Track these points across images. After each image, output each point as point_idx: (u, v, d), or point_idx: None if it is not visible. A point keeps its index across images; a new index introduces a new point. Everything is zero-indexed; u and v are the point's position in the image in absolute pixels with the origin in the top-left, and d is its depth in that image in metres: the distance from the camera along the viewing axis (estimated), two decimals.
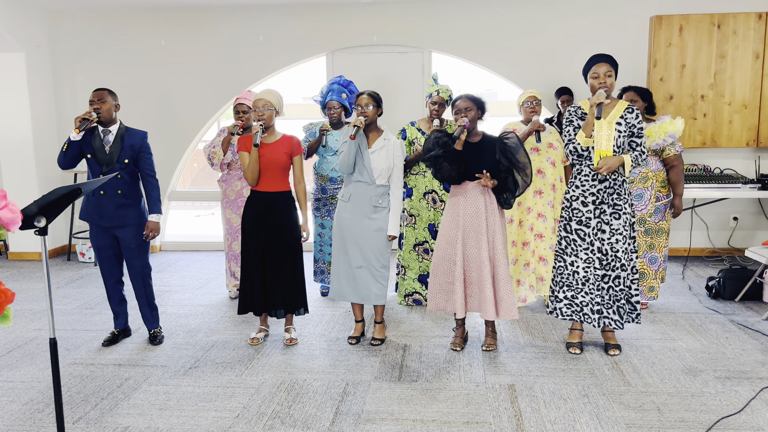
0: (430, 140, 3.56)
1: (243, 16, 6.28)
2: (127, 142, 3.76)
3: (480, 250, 3.56)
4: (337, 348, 3.84)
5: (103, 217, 3.73)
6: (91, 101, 3.69)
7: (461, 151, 3.52)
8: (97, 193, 3.73)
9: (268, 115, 3.65)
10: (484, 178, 3.46)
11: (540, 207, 4.42)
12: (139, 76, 6.44)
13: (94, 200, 3.74)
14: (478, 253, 3.57)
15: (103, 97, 3.70)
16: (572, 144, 3.54)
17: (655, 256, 4.42)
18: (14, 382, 3.40)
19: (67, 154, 3.64)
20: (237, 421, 2.93)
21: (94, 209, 3.75)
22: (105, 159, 3.69)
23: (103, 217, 3.73)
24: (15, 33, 5.90)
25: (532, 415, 2.95)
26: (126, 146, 3.75)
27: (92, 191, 3.71)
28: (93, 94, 3.72)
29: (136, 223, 3.80)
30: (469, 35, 6.13)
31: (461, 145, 3.51)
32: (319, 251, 4.87)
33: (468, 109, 3.55)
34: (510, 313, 3.58)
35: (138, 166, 3.83)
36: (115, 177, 3.70)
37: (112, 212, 3.73)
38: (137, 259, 3.85)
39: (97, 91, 3.72)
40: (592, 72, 3.49)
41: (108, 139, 3.74)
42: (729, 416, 2.91)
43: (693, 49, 5.69)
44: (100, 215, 3.74)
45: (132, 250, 3.82)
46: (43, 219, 2.18)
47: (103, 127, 3.73)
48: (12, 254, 6.44)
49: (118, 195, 3.73)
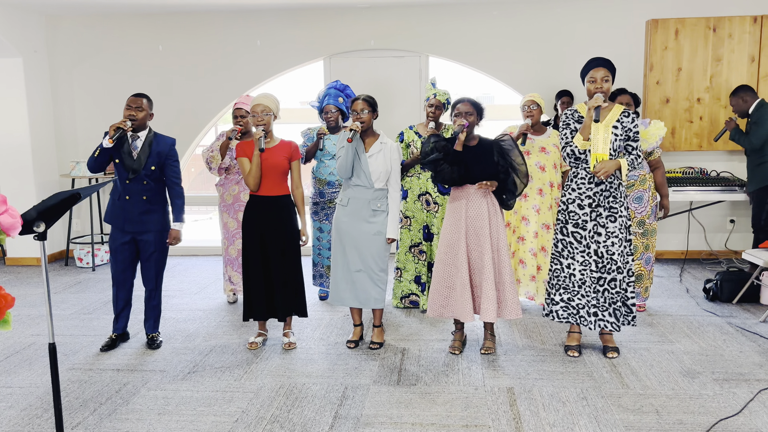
0: (428, 144, 3.58)
1: (241, 22, 6.29)
2: (155, 149, 3.77)
3: (483, 253, 3.57)
4: (335, 352, 3.84)
5: (127, 221, 3.76)
6: (129, 106, 3.68)
7: (461, 152, 3.53)
8: (122, 198, 3.75)
9: (267, 119, 3.66)
10: (483, 185, 3.49)
11: (524, 210, 4.45)
12: (136, 81, 6.44)
13: (120, 204, 3.76)
14: (481, 255, 3.58)
15: (141, 105, 3.70)
16: (569, 147, 3.56)
17: (649, 256, 4.44)
18: (12, 387, 3.39)
19: (97, 160, 3.65)
20: (236, 425, 2.93)
21: (119, 213, 3.77)
22: (132, 165, 3.69)
23: (127, 222, 3.76)
24: (13, 38, 5.90)
25: (530, 418, 2.96)
26: (153, 153, 3.76)
27: (117, 196, 3.76)
28: (131, 99, 3.70)
29: (158, 229, 3.83)
30: (466, 39, 6.15)
31: (461, 145, 3.52)
32: (318, 255, 4.87)
33: (468, 114, 3.57)
34: (514, 313, 3.61)
35: (164, 173, 3.84)
36: (140, 183, 3.72)
37: (136, 217, 3.76)
38: (155, 264, 3.88)
39: (136, 97, 3.71)
40: (589, 76, 3.51)
41: (136, 145, 3.74)
42: (727, 418, 2.92)
43: (689, 52, 5.72)
44: (124, 219, 3.76)
45: (151, 254, 3.85)
46: (42, 224, 2.19)
47: (133, 132, 3.72)
48: (9, 259, 6.43)
49: (143, 201, 3.76)
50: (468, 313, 3.59)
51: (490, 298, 3.56)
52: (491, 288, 3.56)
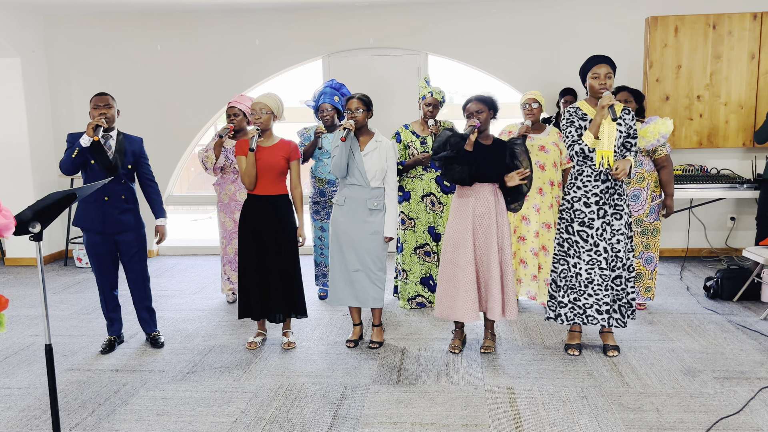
0: (441, 140, 3.55)
1: (239, 20, 6.27)
2: (128, 149, 3.78)
3: (490, 251, 3.55)
4: (335, 351, 3.83)
5: (107, 223, 3.73)
6: (97, 105, 3.67)
7: (472, 152, 3.51)
8: (100, 199, 3.71)
9: (264, 119, 3.65)
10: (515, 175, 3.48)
11: (525, 209, 4.42)
12: (135, 80, 6.43)
13: (97, 207, 3.71)
14: (488, 254, 3.56)
15: (109, 102, 3.70)
16: (578, 145, 3.49)
17: (650, 256, 4.42)
18: (11, 388, 3.38)
19: (75, 161, 3.60)
20: (235, 426, 2.92)
21: (96, 216, 3.72)
22: (110, 165, 3.68)
23: (107, 224, 3.73)
24: (10, 38, 5.89)
25: (531, 417, 2.95)
26: (128, 152, 3.77)
27: (94, 197, 3.71)
28: (98, 98, 3.68)
29: (136, 227, 3.83)
30: (465, 38, 6.13)
31: (471, 146, 3.49)
32: (320, 255, 4.85)
33: (479, 112, 3.53)
34: (513, 313, 3.61)
35: (138, 171, 3.86)
36: (119, 182, 3.71)
37: (116, 218, 3.74)
38: (138, 264, 3.86)
39: (101, 95, 3.70)
40: (592, 73, 3.48)
41: (110, 144, 3.73)
42: (728, 417, 2.91)
43: (689, 49, 5.70)
44: (104, 222, 3.72)
45: (132, 254, 3.83)
46: (37, 224, 2.17)
47: (104, 132, 3.70)
48: (9, 260, 6.42)
49: (121, 200, 3.75)
50: (473, 313, 3.56)
51: (495, 297, 3.54)
52: (497, 287, 3.54)
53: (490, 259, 3.55)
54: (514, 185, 3.51)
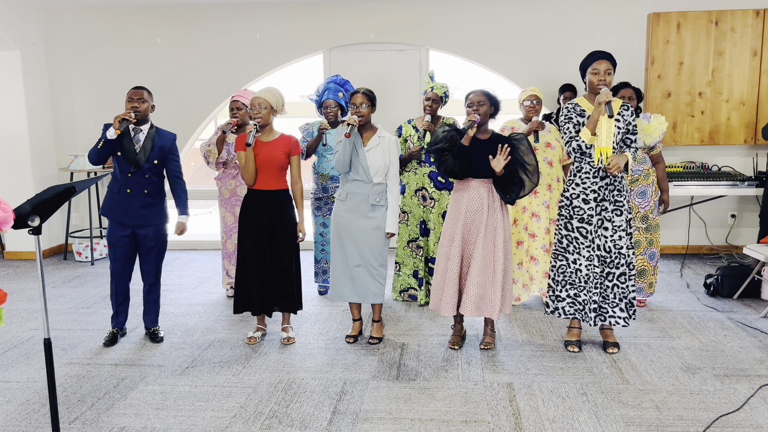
0: (439, 133, 3.54)
1: (240, 14, 6.25)
2: (157, 144, 3.78)
3: (479, 247, 3.54)
4: (334, 347, 3.83)
5: (127, 215, 3.75)
6: (131, 98, 3.69)
7: (468, 146, 3.50)
8: (123, 191, 3.74)
9: (263, 114, 3.63)
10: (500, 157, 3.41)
11: (534, 206, 4.40)
12: (135, 74, 6.41)
13: (120, 198, 3.75)
14: (478, 250, 3.54)
15: (142, 96, 3.71)
16: (575, 141, 3.50)
17: (653, 252, 4.42)
18: (10, 382, 3.38)
19: (100, 152, 3.64)
20: (234, 420, 2.91)
21: (119, 206, 3.76)
22: (134, 159, 3.69)
23: (127, 215, 3.75)
24: (10, 31, 5.87)
25: (530, 413, 2.94)
26: (156, 147, 3.78)
27: (118, 189, 3.74)
28: (133, 91, 3.71)
29: (158, 223, 3.84)
30: (467, 33, 6.11)
31: (468, 140, 3.48)
32: (321, 251, 4.84)
33: (481, 104, 3.52)
34: (507, 308, 3.61)
35: (165, 167, 3.87)
36: (142, 176, 3.73)
37: (136, 211, 3.75)
38: (155, 258, 3.89)
39: (137, 89, 3.72)
40: (592, 68, 3.46)
41: (138, 138, 3.75)
42: (728, 414, 2.91)
43: (691, 46, 5.69)
44: (125, 213, 3.75)
45: (151, 248, 3.85)
46: (36, 218, 2.16)
47: (135, 125, 3.72)
48: (8, 253, 6.42)
49: (144, 194, 3.76)
50: (451, 306, 3.56)
51: (469, 293, 3.52)
52: (490, 285, 3.53)
53: (474, 254, 3.53)
54: (502, 173, 3.46)
